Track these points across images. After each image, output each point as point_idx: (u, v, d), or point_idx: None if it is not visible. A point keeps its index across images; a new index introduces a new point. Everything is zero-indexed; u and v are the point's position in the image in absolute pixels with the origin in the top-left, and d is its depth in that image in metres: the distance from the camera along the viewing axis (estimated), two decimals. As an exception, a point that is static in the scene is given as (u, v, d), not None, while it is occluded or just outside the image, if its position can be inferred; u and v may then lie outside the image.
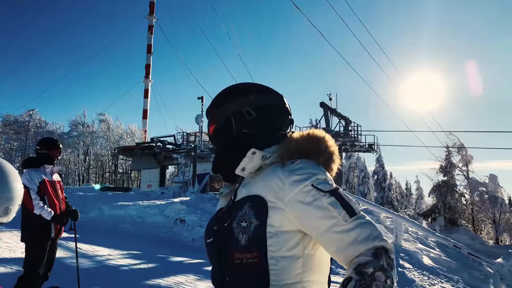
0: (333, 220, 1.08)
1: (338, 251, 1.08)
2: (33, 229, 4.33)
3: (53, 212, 4.35)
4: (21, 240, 4.42)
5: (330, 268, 1.25)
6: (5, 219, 1.66)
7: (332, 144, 1.28)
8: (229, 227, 1.20)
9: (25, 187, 4.26)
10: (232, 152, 1.31)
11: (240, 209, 1.19)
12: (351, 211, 1.09)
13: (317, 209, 1.10)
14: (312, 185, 1.12)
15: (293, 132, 1.35)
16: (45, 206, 4.32)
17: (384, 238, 1.07)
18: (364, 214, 1.12)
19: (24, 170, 4.43)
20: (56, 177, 4.64)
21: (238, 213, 1.19)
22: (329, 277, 1.25)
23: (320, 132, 1.29)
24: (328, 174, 1.21)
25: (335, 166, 1.28)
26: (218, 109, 1.35)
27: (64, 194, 4.76)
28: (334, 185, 1.15)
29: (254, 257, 1.13)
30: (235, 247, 1.16)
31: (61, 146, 4.70)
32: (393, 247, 1.08)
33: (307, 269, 1.15)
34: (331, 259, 1.24)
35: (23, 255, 4.42)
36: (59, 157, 4.67)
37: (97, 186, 13.11)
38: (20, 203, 1.70)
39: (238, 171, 1.24)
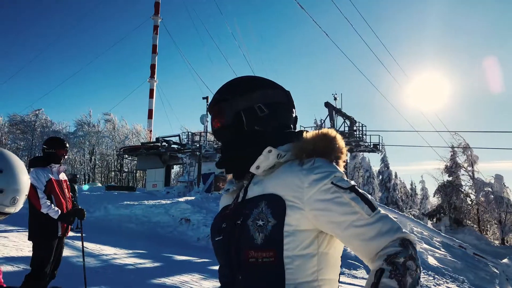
0: (355, 215, 1.09)
1: (362, 244, 1.09)
2: (40, 228, 4.36)
3: (60, 211, 4.38)
4: (28, 239, 4.46)
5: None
6: (13, 209, 1.68)
7: (341, 141, 1.29)
8: (243, 225, 1.17)
9: (32, 186, 4.31)
10: (242, 149, 1.29)
11: (255, 207, 1.18)
12: (371, 206, 1.11)
13: (339, 206, 1.11)
14: (332, 182, 1.13)
15: (306, 131, 1.33)
16: (52, 205, 4.35)
17: (404, 230, 1.10)
18: (380, 209, 1.14)
19: (31, 169, 4.46)
20: (62, 176, 4.68)
21: (254, 211, 1.17)
22: (339, 276, 1.26)
23: (331, 131, 1.29)
24: (342, 171, 1.22)
25: (342, 162, 1.29)
26: (226, 103, 1.30)
27: (70, 193, 4.80)
28: (352, 182, 1.16)
29: (270, 256, 1.13)
30: (250, 246, 1.15)
31: (67, 145, 4.74)
32: (414, 237, 1.10)
33: (322, 267, 1.15)
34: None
35: (30, 254, 4.45)
36: (66, 157, 4.71)
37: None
38: (27, 194, 1.72)
39: (253, 169, 1.22)
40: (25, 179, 1.70)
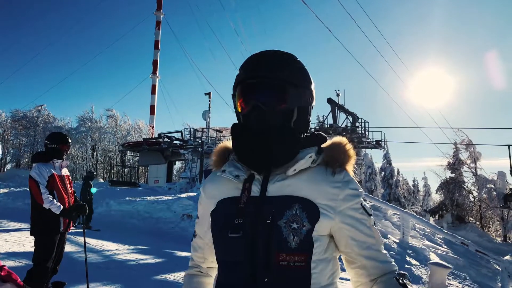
0: (374, 239, 1.23)
1: (374, 264, 1.22)
2: (42, 223, 4.37)
3: (62, 206, 4.38)
4: (31, 234, 4.47)
5: None
6: None
7: None
8: (274, 225, 1.12)
9: (35, 181, 4.32)
10: (287, 147, 1.19)
11: (287, 208, 1.14)
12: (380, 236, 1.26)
13: (364, 227, 1.21)
14: (361, 204, 1.22)
15: (325, 135, 1.30)
16: (54, 200, 4.35)
17: None
18: None
19: (34, 164, 4.47)
20: (65, 171, 4.68)
21: (286, 212, 1.13)
22: None
23: (346, 141, 1.29)
24: None
25: None
26: (293, 89, 1.20)
27: (72, 188, 4.80)
28: (371, 210, 1.27)
29: (302, 260, 1.13)
30: (282, 248, 1.11)
31: (69, 140, 4.74)
32: None
33: (335, 270, 1.22)
34: None
35: (32, 249, 4.46)
36: (68, 152, 4.71)
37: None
38: None
39: (290, 172, 1.17)
40: None
